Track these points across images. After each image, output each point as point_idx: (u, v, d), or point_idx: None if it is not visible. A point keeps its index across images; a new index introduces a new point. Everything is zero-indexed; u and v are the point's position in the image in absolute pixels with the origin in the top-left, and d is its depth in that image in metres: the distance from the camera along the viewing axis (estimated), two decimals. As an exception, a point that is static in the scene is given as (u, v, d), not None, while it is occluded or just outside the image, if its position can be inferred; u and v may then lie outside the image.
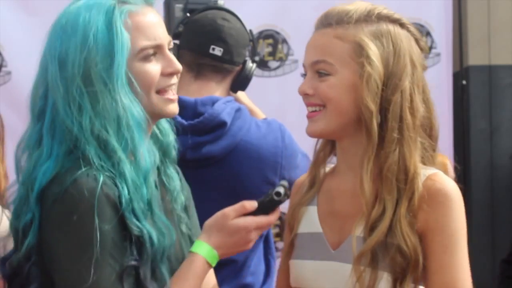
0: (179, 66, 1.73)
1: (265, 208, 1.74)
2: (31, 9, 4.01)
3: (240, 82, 2.56)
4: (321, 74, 1.73)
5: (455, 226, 1.67)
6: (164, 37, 1.72)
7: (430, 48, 4.57)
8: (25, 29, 3.95)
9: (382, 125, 1.70)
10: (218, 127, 2.41)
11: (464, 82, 5.05)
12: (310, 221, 1.81)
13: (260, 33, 4.42)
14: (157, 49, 1.70)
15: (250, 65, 2.56)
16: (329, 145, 1.84)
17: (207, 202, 1.80)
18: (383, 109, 1.70)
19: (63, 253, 1.57)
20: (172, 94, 1.73)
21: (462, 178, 3.69)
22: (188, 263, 1.70)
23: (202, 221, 1.80)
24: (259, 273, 2.56)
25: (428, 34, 4.57)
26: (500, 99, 5.42)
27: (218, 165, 2.42)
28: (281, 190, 1.74)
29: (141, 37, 1.67)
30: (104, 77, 1.62)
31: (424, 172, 1.71)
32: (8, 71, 4.06)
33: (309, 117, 1.77)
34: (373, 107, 1.68)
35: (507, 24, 5.34)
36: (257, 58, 2.62)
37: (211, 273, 1.85)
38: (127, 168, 1.62)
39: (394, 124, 1.69)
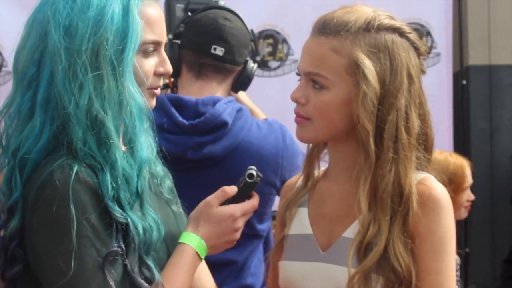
0: (170, 68, 1.71)
1: (243, 194, 1.73)
2: (31, 9, 4.00)
3: (241, 82, 2.56)
4: (315, 84, 1.71)
5: (444, 232, 1.66)
6: (165, 36, 1.71)
7: (430, 48, 4.58)
8: (26, 29, 3.94)
9: (377, 144, 1.67)
10: (219, 127, 2.41)
11: (464, 82, 5.06)
12: (301, 223, 1.80)
13: (260, 33, 4.42)
14: (157, 46, 1.68)
15: (252, 65, 2.55)
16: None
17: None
18: (378, 128, 1.67)
19: (43, 248, 1.53)
20: (158, 90, 1.72)
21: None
22: (179, 254, 1.66)
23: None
24: (260, 274, 2.55)
25: (428, 34, 4.58)
26: (500, 99, 5.43)
27: (219, 165, 2.42)
28: (253, 172, 1.73)
29: (148, 30, 1.65)
30: (114, 60, 1.58)
31: (415, 176, 1.70)
32: (8, 71, 4.05)
33: (296, 122, 1.75)
34: (370, 126, 1.66)
35: (507, 24, 5.34)
36: (258, 58, 2.62)
37: (210, 277, 1.85)
38: (119, 155, 1.58)
39: (389, 143, 1.67)
